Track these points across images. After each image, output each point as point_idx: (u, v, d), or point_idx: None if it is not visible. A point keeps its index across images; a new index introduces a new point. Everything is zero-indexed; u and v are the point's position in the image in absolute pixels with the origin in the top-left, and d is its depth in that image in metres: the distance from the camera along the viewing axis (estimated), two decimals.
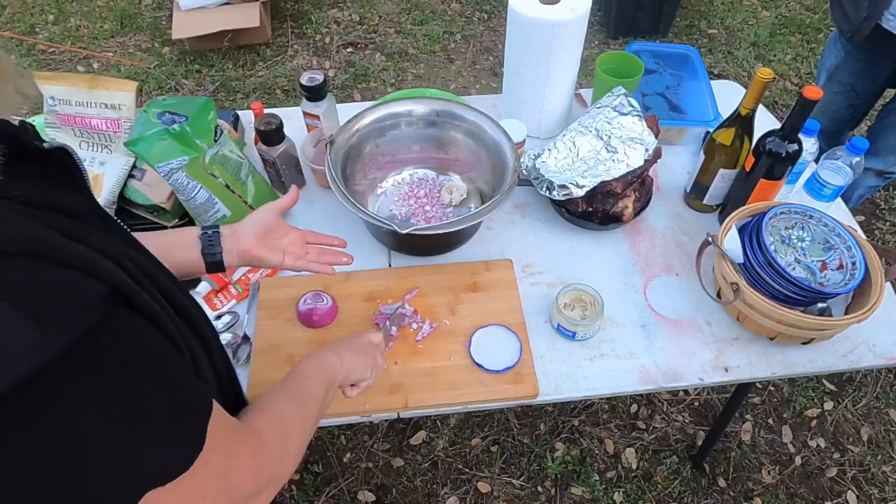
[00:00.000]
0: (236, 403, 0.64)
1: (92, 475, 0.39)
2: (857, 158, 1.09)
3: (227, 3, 2.91)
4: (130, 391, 0.42)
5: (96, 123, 1.16)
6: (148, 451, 0.42)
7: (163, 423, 0.44)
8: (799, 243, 1.08)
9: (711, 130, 1.17)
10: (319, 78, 1.22)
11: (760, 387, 1.91)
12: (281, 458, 0.59)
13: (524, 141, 1.29)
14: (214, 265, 0.83)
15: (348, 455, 1.77)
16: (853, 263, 1.01)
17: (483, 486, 1.70)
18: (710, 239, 1.05)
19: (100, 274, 0.41)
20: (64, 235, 0.41)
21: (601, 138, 1.17)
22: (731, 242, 1.02)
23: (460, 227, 1.02)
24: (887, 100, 1.74)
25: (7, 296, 0.35)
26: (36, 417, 0.37)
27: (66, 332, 0.37)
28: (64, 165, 0.48)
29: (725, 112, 1.19)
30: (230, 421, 0.53)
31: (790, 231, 1.08)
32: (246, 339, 1.05)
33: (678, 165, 1.36)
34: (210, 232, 0.84)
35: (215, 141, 1.08)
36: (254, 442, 0.56)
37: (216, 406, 0.50)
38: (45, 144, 0.47)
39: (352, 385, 0.84)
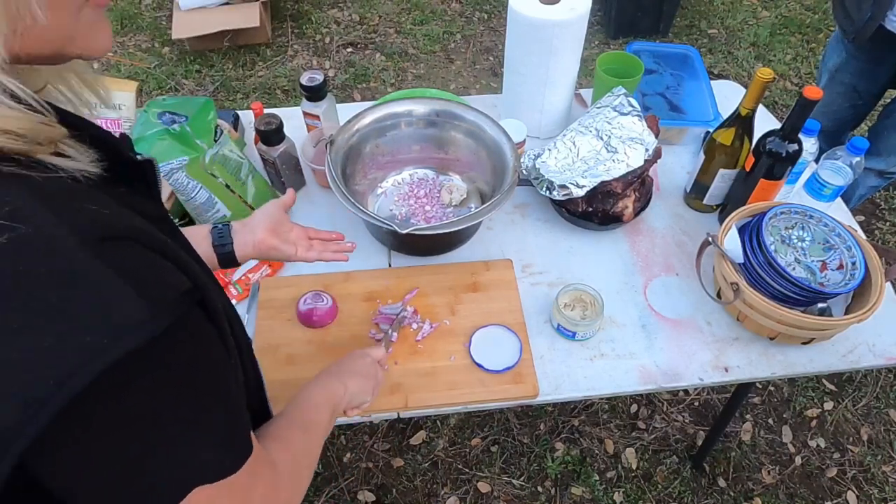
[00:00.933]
0: (261, 411, 0.66)
1: (148, 466, 0.42)
2: (858, 158, 1.09)
3: (227, 3, 2.91)
4: (194, 390, 0.44)
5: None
6: (201, 451, 0.45)
7: (217, 425, 0.46)
8: (799, 243, 1.08)
9: (711, 130, 1.17)
10: (319, 78, 1.22)
11: (760, 387, 1.91)
12: (291, 495, 0.61)
13: (524, 141, 1.29)
14: (226, 258, 0.85)
15: (348, 455, 1.77)
16: (853, 263, 1.01)
17: (483, 486, 1.70)
18: (710, 239, 1.05)
19: (185, 269, 0.44)
20: None
21: (601, 138, 1.17)
22: (731, 242, 1.02)
23: (460, 227, 1.02)
24: (888, 100, 1.74)
25: (122, 273, 0.38)
26: (115, 401, 0.39)
27: (168, 313, 0.40)
28: (145, 175, 0.52)
29: (725, 112, 1.19)
30: (254, 439, 0.54)
31: (790, 231, 1.08)
32: None
33: (678, 165, 1.36)
34: (220, 226, 0.86)
35: (215, 141, 1.08)
36: (271, 471, 0.56)
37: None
38: (137, 156, 0.52)
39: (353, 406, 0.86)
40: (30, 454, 0.36)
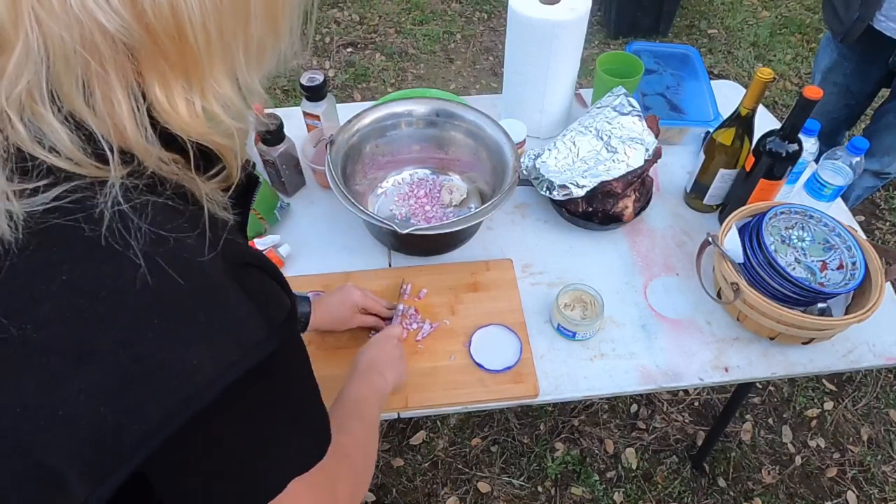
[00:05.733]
0: None
1: (255, 465, 0.47)
2: (858, 158, 1.09)
3: None
4: (296, 395, 0.51)
5: None
6: (298, 444, 0.50)
7: (310, 421, 0.53)
8: (799, 243, 1.08)
9: (711, 130, 1.17)
10: (319, 78, 1.22)
11: (760, 387, 1.91)
12: (364, 483, 0.65)
13: (524, 141, 1.29)
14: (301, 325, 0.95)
15: None
16: (853, 263, 1.01)
17: (483, 486, 1.70)
18: (710, 239, 1.05)
19: (286, 288, 0.51)
20: None
21: (601, 138, 1.17)
22: (731, 242, 1.02)
23: (460, 227, 1.02)
24: (883, 100, 1.74)
25: (251, 296, 0.44)
26: (233, 409, 0.44)
27: (280, 332, 0.46)
28: (249, 194, 0.58)
29: (725, 112, 1.19)
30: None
31: (790, 231, 1.08)
32: None
33: (678, 165, 1.36)
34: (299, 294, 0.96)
35: None
36: (348, 460, 0.60)
37: None
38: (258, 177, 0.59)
39: None
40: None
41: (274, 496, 0.48)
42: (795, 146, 1.05)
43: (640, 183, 1.18)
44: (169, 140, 0.43)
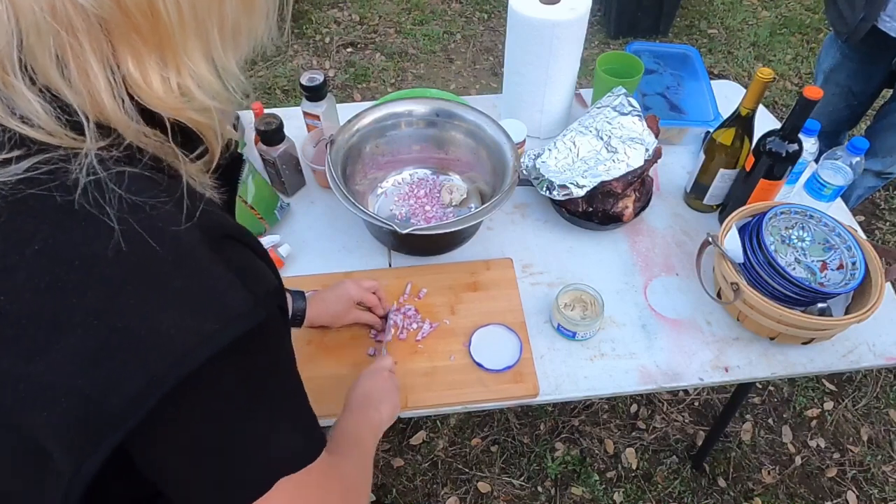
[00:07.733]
0: None
1: (240, 452, 0.45)
2: (858, 158, 1.09)
3: None
4: (280, 380, 0.48)
5: None
6: (285, 437, 0.47)
7: (298, 414, 0.50)
8: (799, 243, 1.08)
9: (711, 130, 1.17)
10: (319, 78, 1.22)
11: (760, 387, 1.91)
12: None
13: (524, 141, 1.29)
14: (296, 319, 0.95)
15: None
16: (853, 263, 1.01)
17: (483, 486, 1.70)
18: (710, 239, 1.05)
19: (273, 270, 0.50)
20: None
21: (601, 138, 1.17)
22: (732, 242, 1.02)
23: (460, 227, 1.02)
24: (885, 100, 1.74)
25: (232, 267, 0.43)
26: (216, 385, 0.42)
27: (264, 306, 0.44)
28: (233, 174, 0.57)
29: (725, 112, 1.19)
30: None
31: (790, 231, 1.08)
32: None
33: (678, 165, 1.36)
34: (295, 290, 0.95)
35: None
36: (340, 480, 0.56)
37: None
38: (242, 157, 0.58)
39: None
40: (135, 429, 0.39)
41: (261, 493, 0.45)
42: (795, 146, 1.05)
43: (640, 183, 1.18)
44: (149, 117, 0.43)
